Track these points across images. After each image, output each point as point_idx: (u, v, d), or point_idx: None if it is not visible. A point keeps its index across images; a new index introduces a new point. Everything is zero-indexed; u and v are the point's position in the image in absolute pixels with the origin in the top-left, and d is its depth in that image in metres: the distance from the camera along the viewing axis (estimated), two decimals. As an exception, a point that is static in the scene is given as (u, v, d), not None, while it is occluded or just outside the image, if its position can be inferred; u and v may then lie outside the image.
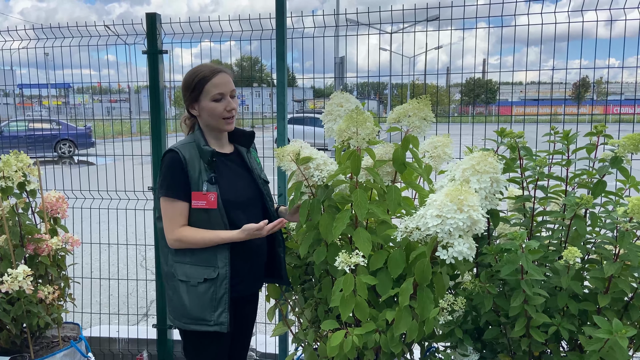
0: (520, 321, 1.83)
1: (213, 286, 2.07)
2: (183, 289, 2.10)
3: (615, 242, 1.82)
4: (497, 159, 1.85)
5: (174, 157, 2.06)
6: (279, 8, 3.01)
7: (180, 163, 2.04)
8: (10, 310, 2.59)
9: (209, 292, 2.07)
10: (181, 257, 2.11)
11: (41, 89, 5.34)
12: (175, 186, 2.05)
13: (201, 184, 2.05)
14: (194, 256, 2.09)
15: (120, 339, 3.79)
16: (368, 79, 3.39)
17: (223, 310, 2.07)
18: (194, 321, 2.09)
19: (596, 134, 2.08)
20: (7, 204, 2.69)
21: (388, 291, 1.90)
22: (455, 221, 1.53)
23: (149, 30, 3.22)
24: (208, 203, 2.05)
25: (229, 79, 2.14)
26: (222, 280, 2.07)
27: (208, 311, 2.07)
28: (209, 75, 2.09)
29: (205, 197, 2.05)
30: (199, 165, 2.07)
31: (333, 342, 1.82)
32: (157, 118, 3.29)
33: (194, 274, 2.08)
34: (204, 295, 2.07)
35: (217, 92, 2.09)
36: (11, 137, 5.62)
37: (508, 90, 23.12)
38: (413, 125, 1.97)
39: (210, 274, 2.07)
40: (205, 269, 2.07)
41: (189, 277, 2.08)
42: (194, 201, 2.05)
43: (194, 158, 2.07)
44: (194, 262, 2.09)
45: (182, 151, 2.06)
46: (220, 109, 2.10)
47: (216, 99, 2.10)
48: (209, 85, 2.08)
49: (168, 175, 2.06)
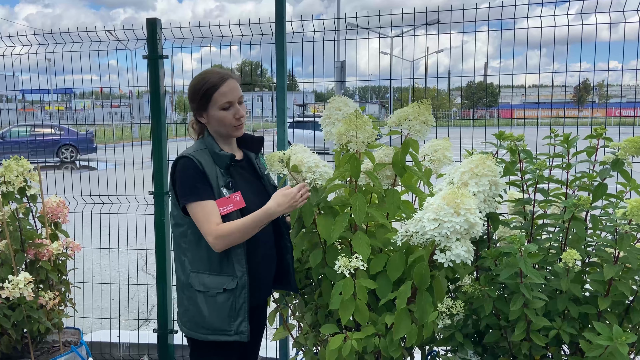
0: (521, 325, 1.82)
1: (232, 296, 2.02)
2: (201, 300, 2.05)
3: (615, 245, 1.82)
4: (495, 162, 1.84)
5: (189, 163, 2.01)
6: (279, 13, 3.02)
7: (197, 166, 2.00)
8: (11, 315, 2.59)
9: (228, 302, 2.02)
10: (198, 266, 2.06)
11: (43, 95, 5.36)
12: (200, 188, 1.99)
13: (220, 190, 2.01)
14: (212, 265, 2.04)
15: (121, 343, 3.78)
16: (368, 83, 3.39)
17: (243, 320, 2.03)
18: (212, 332, 2.05)
19: (596, 136, 2.07)
20: (7, 209, 2.69)
21: (388, 294, 1.89)
22: (452, 224, 1.52)
23: (149, 35, 3.23)
24: (236, 204, 2.00)
25: (236, 85, 2.09)
26: (241, 290, 2.03)
27: (227, 321, 2.03)
28: (217, 84, 2.04)
29: (230, 200, 2.00)
30: (215, 171, 2.03)
31: (332, 346, 1.82)
32: (158, 123, 3.29)
33: (212, 283, 2.03)
34: (224, 306, 2.03)
35: (226, 100, 2.04)
36: (13, 143, 5.64)
37: (509, 94, 23.03)
38: (413, 129, 1.97)
39: (230, 284, 2.02)
40: (224, 278, 2.03)
41: (207, 287, 2.04)
42: (221, 208, 1.99)
43: (209, 164, 2.03)
44: (212, 272, 2.04)
45: (196, 157, 2.02)
46: (230, 118, 2.06)
47: (224, 107, 2.05)
48: (217, 94, 2.04)
49: (188, 180, 2.00)
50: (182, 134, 4.83)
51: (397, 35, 3.55)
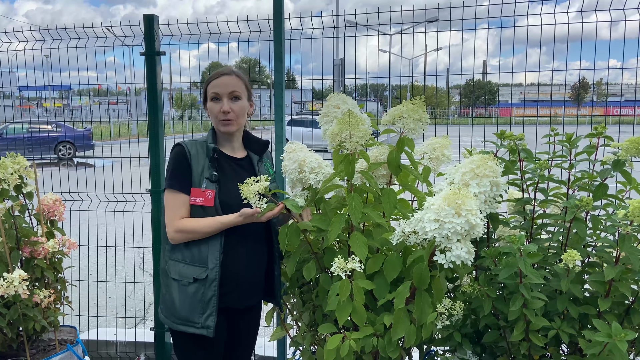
0: (520, 325, 1.81)
1: (202, 287, 2.07)
2: (175, 288, 2.11)
3: (616, 246, 1.80)
4: (497, 162, 1.82)
5: (179, 150, 2.11)
6: (277, 9, 3.00)
7: (185, 157, 2.08)
8: (6, 314, 2.57)
9: (199, 293, 2.07)
10: (176, 255, 2.12)
11: (40, 91, 5.32)
12: (179, 179, 2.08)
13: (202, 180, 2.08)
14: (188, 255, 2.10)
15: (118, 342, 3.77)
16: (367, 81, 3.37)
17: (210, 314, 2.06)
18: (182, 322, 2.10)
19: (596, 135, 2.06)
20: (2, 207, 2.67)
21: (385, 295, 1.88)
22: (453, 225, 1.51)
23: (146, 32, 3.20)
24: (205, 200, 2.06)
25: (232, 81, 2.15)
26: (211, 282, 2.07)
27: (196, 313, 2.07)
28: (212, 77, 2.17)
29: (203, 194, 2.06)
30: (203, 162, 2.10)
31: (329, 346, 1.80)
32: (155, 120, 3.27)
33: (186, 273, 2.09)
34: (194, 296, 2.07)
35: (213, 91, 2.15)
36: (9, 140, 5.60)
37: (508, 92, 23.06)
38: (407, 127, 1.95)
39: (200, 275, 2.07)
40: (196, 268, 2.08)
41: (181, 276, 2.09)
42: (192, 197, 2.08)
43: (200, 154, 2.11)
44: (187, 262, 2.09)
45: (188, 146, 2.11)
46: (216, 110, 2.15)
47: (212, 98, 2.16)
48: (210, 86, 2.16)
49: (173, 168, 2.11)
50: (180, 131, 4.80)
51: (397, 33, 3.53)
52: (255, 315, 2.38)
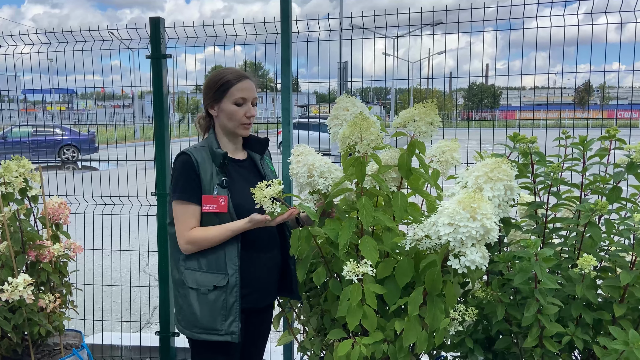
0: (534, 331, 1.78)
1: (224, 294, 2.02)
2: (194, 297, 2.05)
3: (630, 250, 1.77)
4: (510, 165, 1.80)
5: (186, 159, 2.05)
6: (284, 12, 2.98)
7: (192, 165, 2.03)
8: (11, 318, 2.55)
9: (220, 301, 2.02)
10: (192, 264, 2.07)
11: (45, 95, 5.32)
12: (188, 189, 2.03)
13: (212, 187, 2.03)
14: (205, 262, 2.05)
15: (123, 346, 3.74)
16: (373, 84, 3.35)
17: (234, 320, 2.03)
18: (204, 330, 2.05)
19: (609, 137, 2.03)
20: (8, 210, 2.65)
21: (396, 300, 1.85)
22: (468, 229, 1.48)
23: (152, 34, 3.19)
24: (219, 207, 2.02)
25: (253, 86, 2.14)
26: (232, 288, 2.03)
27: (219, 320, 2.03)
28: (236, 79, 2.10)
29: (215, 200, 2.02)
30: (210, 168, 2.06)
31: (340, 351, 1.78)
32: (161, 123, 3.25)
33: (205, 281, 2.04)
34: (215, 304, 2.03)
35: (240, 96, 2.09)
36: (14, 143, 5.60)
37: (513, 95, 23.07)
38: (419, 130, 1.93)
39: (220, 282, 2.02)
40: (215, 276, 2.03)
41: (199, 285, 2.04)
42: (204, 205, 2.03)
43: (206, 161, 2.06)
44: (204, 270, 2.05)
45: (194, 154, 2.05)
46: (241, 114, 2.11)
47: (238, 103, 2.10)
48: (234, 89, 2.09)
49: (180, 178, 2.05)
50: (185, 135, 4.79)
51: (403, 36, 3.51)
52: (270, 313, 2.37)
